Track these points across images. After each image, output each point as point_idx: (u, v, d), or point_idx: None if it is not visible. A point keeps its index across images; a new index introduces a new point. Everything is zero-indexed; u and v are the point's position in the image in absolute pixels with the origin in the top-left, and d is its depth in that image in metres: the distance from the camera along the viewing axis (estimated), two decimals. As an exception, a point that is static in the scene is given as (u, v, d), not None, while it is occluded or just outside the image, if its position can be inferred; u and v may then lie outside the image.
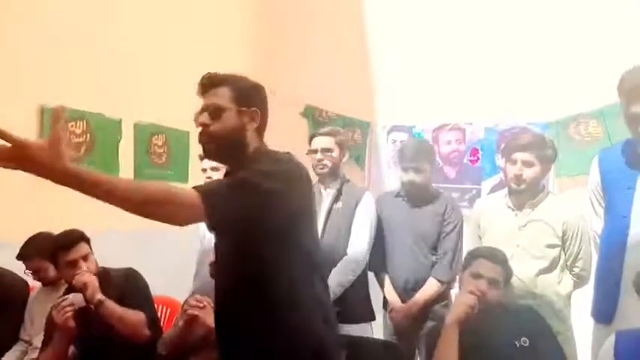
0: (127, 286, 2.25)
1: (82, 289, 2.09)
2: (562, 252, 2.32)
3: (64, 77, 3.07)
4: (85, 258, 2.20)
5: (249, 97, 1.55)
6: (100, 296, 2.09)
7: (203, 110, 1.53)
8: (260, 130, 1.60)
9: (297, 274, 1.50)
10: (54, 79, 3.03)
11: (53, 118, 1.15)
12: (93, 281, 2.11)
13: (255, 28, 4.71)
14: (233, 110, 1.52)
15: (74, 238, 2.22)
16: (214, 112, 1.51)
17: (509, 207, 2.40)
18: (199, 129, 1.53)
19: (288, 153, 1.57)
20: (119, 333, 2.10)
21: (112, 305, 2.10)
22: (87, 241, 2.25)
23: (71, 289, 2.21)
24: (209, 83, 1.55)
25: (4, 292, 2.53)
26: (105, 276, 2.24)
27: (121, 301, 2.15)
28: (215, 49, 4.02)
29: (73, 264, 2.17)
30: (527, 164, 2.30)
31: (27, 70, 2.90)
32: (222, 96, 1.52)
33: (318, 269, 1.60)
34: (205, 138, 1.52)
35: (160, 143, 3.78)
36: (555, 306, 2.28)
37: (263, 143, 1.61)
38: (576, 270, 2.33)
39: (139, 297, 2.23)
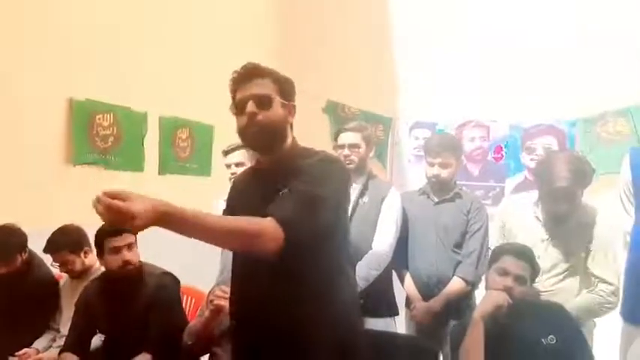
0: (155, 298, 2.26)
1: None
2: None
3: (91, 71, 3.12)
4: (130, 247, 2.25)
5: (289, 91, 1.54)
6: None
7: (247, 99, 1.47)
8: (292, 126, 1.59)
9: (335, 263, 1.51)
10: (82, 73, 3.08)
11: None
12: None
13: (278, 23, 4.72)
14: (279, 102, 1.51)
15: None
16: (264, 101, 1.47)
17: (537, 218, 2.32)
18: (244, 117, 1.48)
19: (323, 151, 1.57)
20: None
21: None
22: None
23: (108, 274, 2.29)
24: (251, 73, 1.51)
25: (38, 282, 2.59)
26: (139, 274, 2.29)
27: (146, 309, 2.21)
28: (238, 45, 4.05)
29: (117, 250, 2.22)
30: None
31: (56, 64, 2.95)
32: (268, 87, 1.50)
33: (351, 259, 1.60)
34: (254, 126, 1.47)
35: (184, 137, 3.81)
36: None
37: (294, 138, 1.61)
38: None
39: (160, 315, 2.24)
